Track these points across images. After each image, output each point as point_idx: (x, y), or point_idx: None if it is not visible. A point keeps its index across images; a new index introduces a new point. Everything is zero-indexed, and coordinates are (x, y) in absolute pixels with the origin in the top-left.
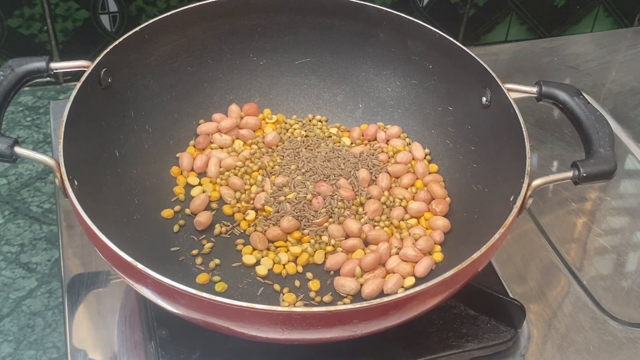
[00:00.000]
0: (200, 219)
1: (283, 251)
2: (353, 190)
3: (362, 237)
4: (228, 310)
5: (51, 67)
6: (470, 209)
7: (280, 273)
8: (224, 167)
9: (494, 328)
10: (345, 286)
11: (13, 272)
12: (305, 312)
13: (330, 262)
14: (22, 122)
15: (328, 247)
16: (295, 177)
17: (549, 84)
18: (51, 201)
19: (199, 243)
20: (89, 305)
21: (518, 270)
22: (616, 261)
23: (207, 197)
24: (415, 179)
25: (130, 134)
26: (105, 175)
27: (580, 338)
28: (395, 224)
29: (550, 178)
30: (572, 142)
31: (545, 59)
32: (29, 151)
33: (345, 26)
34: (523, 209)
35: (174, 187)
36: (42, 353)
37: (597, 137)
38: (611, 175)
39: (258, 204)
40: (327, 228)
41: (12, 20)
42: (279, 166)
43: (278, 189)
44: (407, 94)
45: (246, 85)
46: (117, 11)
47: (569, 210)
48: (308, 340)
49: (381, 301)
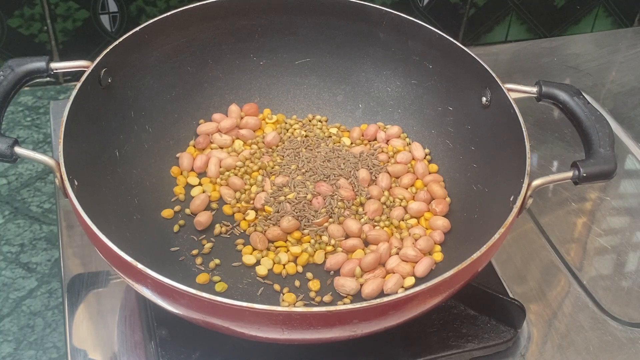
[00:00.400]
0: (200, 219)
1: (283, 251)
2: (353, 190)
3: (362, 237)
4: (228, 310)
5: (51, 67)
6: (470, 209)
7: (280, 273)
8: (224, 167)
9: (494, 328)
10: (345, 286)
11: (13, 272)
12: (305, 312)
13: (330, 262)
14: (22, 122)
15: (328, 247)
16: (295, 177)
17: (549, 84)
18: (51, 201)
19: (199, 243)
20: (89, 305)
21: (518, 270)
22: (616, 261)
23: (207, 197)
24: (415, 179)
25: (130, 134)
26: (105, 176)
27: (580, 338)
28: (395, 224)
29: (550, 178)
30: (572, 142)
31: (545, 59)
32: (29, 151)
33: (345, 26)
34: (523, 209)
35: (174, 187)
36: (42, 353)
37: (597, 137)
38: (611, 176)
39: (258, 204)
40: (327, 228)
41: (12, 20)
42: (279, 166)
43: (278, 189)
44: (407, 94)
45: (246, 85)
46: (117, 11)
47: (569, 210)
48: (308, 340)
49: (381, 301)
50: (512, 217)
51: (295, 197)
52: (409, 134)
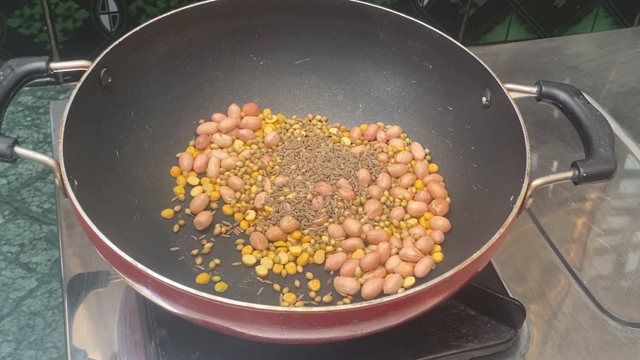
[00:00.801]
0: (200, 219)
1: (283, 251)
2: (353, 191)
3: (362, 237)
4: (228, 310)
5: (51, 67)
6: (470, 209)
7: (280, 273)
8: (224, 167)
9: (494, 328)
10: (345, 286)
11: (13, 272)
12: (305, 312)
13: (330, 262)
14: (22, 122)
15: (328, 247)
16: (295, 177)
17: (548, 84)
18: (51, 201)
19: (199, 243)
20: (89, 305)
21: (518, 270)
22: (616, 261)
23: (207, 197)
24: (415, 179)
25: (130, 134)
26: (105, 175)
27: (580, 338)
28: (395, 224)
29: (550, 178)
30: (572, 142)
31: (545, 59)
32: (28, 151)
33: (345, 26)
34: (523, 208)
35: (174, 187)
36: (42, 353)
37: (597, 137)
38: (611, 175)
39: (258, 204)
40: (327, 228)
41: (12, 20)
42: (279, 166)
43: (278, 189)
44: (407, 94)
45: (246, 85)
46: (117, 11)
47: (569, 210)
48: (308, 340)
49: (381, 301)
50: (512, 217)
51: (295, 197)
52: (409, 134)
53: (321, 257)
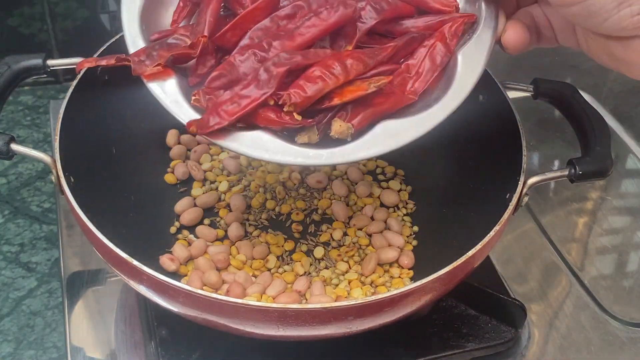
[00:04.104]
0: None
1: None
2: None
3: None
4: (223, 306)
5: (48, 64)
6: (466, 206)
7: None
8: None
9: (494, 328)
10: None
11: (13, 271)
12: (300, 309)
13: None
14: (22, 121)
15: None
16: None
17: (545, 82)
18: (51, 201)
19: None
20: (89, 305)
21: (519, 270)
22: (617, 261)
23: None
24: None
25: (127, 132)
26: (101, 173)
27: (581, 338)
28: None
29: (546, 176)
30: (573, 141)
31: (546, 57)
32: (25, 148)
33: None
34: (519, 206)
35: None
36: (42, 353)
37: (593, 135)
38: (607, 173)
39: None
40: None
41: (12, 19)
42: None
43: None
44: None
45: None
46: (116, 10)
47: (570, 210)
48: (304, 337)
49: (376, 298)
50: (507, 214)
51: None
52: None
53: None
